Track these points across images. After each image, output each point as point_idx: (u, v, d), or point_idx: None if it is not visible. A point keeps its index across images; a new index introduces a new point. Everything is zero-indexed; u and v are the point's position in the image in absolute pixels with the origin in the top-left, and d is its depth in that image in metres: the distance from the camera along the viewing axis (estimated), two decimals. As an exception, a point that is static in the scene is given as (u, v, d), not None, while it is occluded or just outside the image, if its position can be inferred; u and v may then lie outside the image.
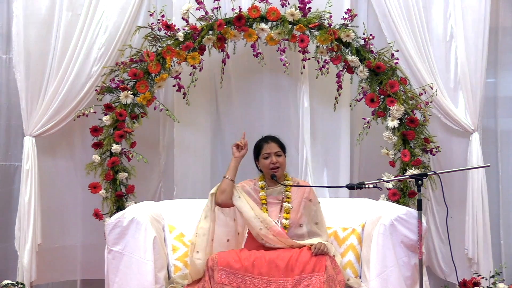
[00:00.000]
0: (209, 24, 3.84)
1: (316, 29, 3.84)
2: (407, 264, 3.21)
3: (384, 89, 3.82)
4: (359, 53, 3.85)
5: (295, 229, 3.38)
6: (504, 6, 4.30)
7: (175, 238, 3.53)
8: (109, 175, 3.83)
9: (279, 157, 3.47)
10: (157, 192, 4.26)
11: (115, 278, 3.25)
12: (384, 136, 3.89)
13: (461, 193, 4.10)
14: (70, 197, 4.17)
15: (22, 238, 3.87)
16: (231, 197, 3.35)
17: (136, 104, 3.87)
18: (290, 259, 3.10)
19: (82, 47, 3.96)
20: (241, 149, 3.46)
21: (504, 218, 4.33)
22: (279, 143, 3.52)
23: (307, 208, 3.44)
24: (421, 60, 4.04)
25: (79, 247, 4.20)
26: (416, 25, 4.04)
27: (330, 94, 4.04)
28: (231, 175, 3.39)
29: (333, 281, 3.08)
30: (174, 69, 3.87)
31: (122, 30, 3.98)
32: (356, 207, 3.71)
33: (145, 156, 3.92)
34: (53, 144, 4.12)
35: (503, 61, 4.33)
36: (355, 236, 3.53)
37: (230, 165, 3.43)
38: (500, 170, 4.33)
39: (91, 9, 3.98)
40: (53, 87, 3.94)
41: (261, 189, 3.48)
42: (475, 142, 4.07)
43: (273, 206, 3.45)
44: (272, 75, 4.23)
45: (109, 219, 3.45)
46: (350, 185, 3.17)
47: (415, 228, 3.17)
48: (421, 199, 3.06)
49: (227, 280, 3.07)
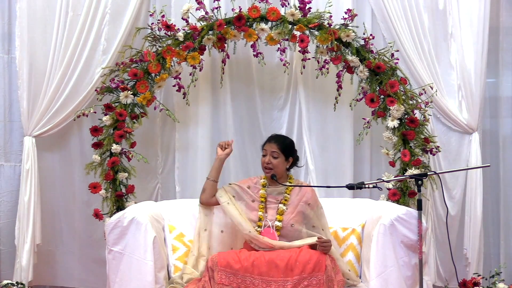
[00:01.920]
0: (209, 24, 3.84)
1: (316, 29, 3.83)
2: (408, 264, 3.21)
3: (384, 89, 3.82)
4: (359, 53, 3.85)
5: (287, 230, 3.38)
6: (504, 6, 4.30)
7: (175, 238, 3.53)
8: (109, 175, 3.83)
9: (275, 158, 3.44)
10: (154, 192, 4.26)
11: (116, 278, 3.25)
12: (384, 136, 3.89)
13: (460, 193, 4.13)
14: (69, 197, 4.17)
15: (21, 238, 3.87)
16: (212, 196, 3.49)
17: (136, 104, 3.87)
18: (290, 259, 3.10)
19: (85, 48, 3.97)
20: (225, 148, 3.55)
21: (504, 218, 4.32)
22: (281, 145, 3.47)
23: (304, 212, 3.43)
24: (421, 60, 4.05)
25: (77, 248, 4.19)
26: (414, 26, 4.04)
27: (330, 94, 4.04)
28: (213, 176, 3.52)
29: (332, 281, 3.08)
30: (174, 69, 3.87)
31: (123, 30, 3.99)
32: (356, 207, 3.71)
33: (143, 156, 3.91)
34: (53, 144, 4.12)
35: (504, 61, 4.33)
36: (355, 236, 3.53)
37: (213, 165, 3.55)
38: (501, 170, 4.32)
39: (92, 9, 3.98)
40: (54, 88, 3.95)
41: (262, 187, 3.49)
42: (475, 142, 4.07)
43: (272, 206, 3.45)
44: (272, 75, 4.23)
45: (109, 219, 3.45)
46: (350, 185, 3.17)
47: (415, 228, 3.16)
48: (421, 199, 3.06)
49: (227, 280, 3.07)
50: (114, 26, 4.00)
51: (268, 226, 3.38)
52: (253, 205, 3.44)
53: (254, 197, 3.45)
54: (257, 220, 3.39)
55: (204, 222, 3.51)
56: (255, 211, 3.42)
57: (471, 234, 4.05)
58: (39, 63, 3.97)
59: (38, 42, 3.97)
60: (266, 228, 3.37)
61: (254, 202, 3.44)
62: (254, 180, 3.54)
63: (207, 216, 3.52)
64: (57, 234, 4.17)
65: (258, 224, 3.38)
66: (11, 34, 4.14)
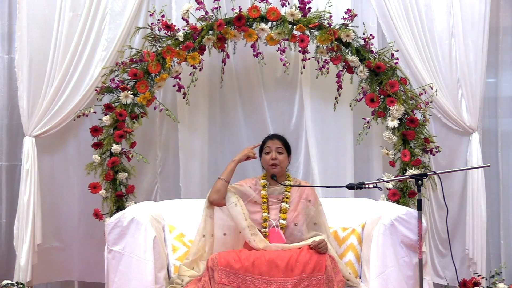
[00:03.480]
0: (209, 24, 3.84)
1: (316, 29, 3.84)
2: (409, 264, 3.20)
3: (384, 89, 3.82)
4: (359, 53, 3.85)
5: (291, 228, 3.38)
6: (504, 6, 4.30)
7: (175, 238, 3.53)
8: (109, 175, 3.83)
9: (280, 154, 3.46)
10: (153, 192, 4.26)
11: (114, 278, 3.24)
12: (384, 136, 3.89)
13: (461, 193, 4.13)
14: (69, 197, 4.17)
15: (20, 238, 3.87)
16: (224, 197, 3.39)
17: (136, 104, 3.87)
18: (290, 259, 3.10)
19: (85, 48, 3.97)
20: (252, 158, 3.49)
21: (504, 218, 4.32)
22: (284, 142, 3.51)
23: (305, 209, 3.43)
24: (421, 60, 4.05)
25: (77, 247, 4.20)
26: (415, 25, 4.04)
27: (330, 94, 4.04)
28: (226, 177, 3.41)
29: (332, 281, 3.08)
30: (174, 69, 3.87)
31: (122, 30, 3.99)
32: (356, 207, 3.71)
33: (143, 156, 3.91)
34: (53, 144, 4.12)
35: (504, 61, 4.33)
36: (355, 236, 3.53)
37: (227, 167, 3.44)
38: (500, 170, 4.32)
39: (92, 10, 3.98)
40: (55, 88, 3.95)
41: (263, 187, 3.49)
42: (475, 142, 4.07)
43: (273, 206, 3.45)
44: (272, 75, 4.23)
45: (109, 219, 3.45)
46: (350, 185, 3.17)
47: (415, 228, 3.16)
48: (421, 199, 3.06)
49: (227, 280, 3.06)
50: (114, 26, 4.00)
51: (273, 226, 3.38)
52: (256, 207, 3.44)
53: (257, 198, 3.45)
54: (262, 222, 3.39)
55: (210, 226, 3.42)
56: (259, 212, 3.42)
57: (474, 234, 4.04)
58: (39, 63, 3.96)
59: (38, 42, 3.96)
60: (271, 228, 3.37)
61: (257, 203, 3.44)
62: (253, 181, 3.53)
63: (211, 219, 3.43)
64: (57, 234, 4.16)
65: (263, 225, 3.38)
66: (11, 34, 4.14)
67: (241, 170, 4.17)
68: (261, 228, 3.37)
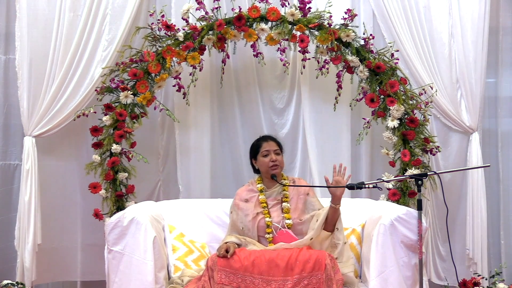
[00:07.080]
0: (209, 24, 3.84)
1: (316, 29, 3.84)
2: (408, 264, 3.21)
3: (384, 89, 3.82)
4: (359, 53, 3.85)
5: (298, 225, 3.40)
6: (504, 6, 4.30)
7: (175, 238, 3.53)
8: (109, 175, 3.83)
9: (278, 155, 3.48)
10: (155, 192, 4.26)
11: (115, 278, 3.24)
12: (384, 136, 3.89)
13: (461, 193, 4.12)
14: (70, 197, 4.17)
15: (22, 238, 3.87)
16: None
17: (136, 104, 3.87)
18: (290, 258, 3.10)
19: (85, 48, 3.97)
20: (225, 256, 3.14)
21: (504, 218, 4.32)
22: (278, 142, 3.55)
23: (306, 203, 3.45)
24: (421, 60, 4.05)
25: (78, 247, 4.20)
26: (414, 26, 4.05)
27: (330, 94, 4.04)
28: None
29: (331, 280, 3.08)
30: (174, 69, 3.87)
31: (123, 30, 3.99)
32: (356, 207, 3.71)
33: (143, 156, 3.91)
34: (53, 144, 4.12)
35: (504, 61, 4.33)
36: (355, 236, 3.53)
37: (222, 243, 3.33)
38: (500, 170, 4.32)
39: (93, 10, 3.98)
40: (55, 88, 3.95)
41: (260, 192, 3.49)
42: (475, 142, 4.07)
43: (274, 208, 3.45)
44: (272, 75, 4.23)
45: (109, 219, 3.45)
46: (350, 185, 3.17)
47: (415, 228, 3.16)
48: (421, 199, 3.06)
49: (227, 280, 3.06)
50: (114, 26, 4.00)
51: (280, 229, 3.38)
52: (257, 217, 3.43)
53: (255, 211, 3.43)
54: (266, 227, 3.39)
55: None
56: (262, 218, 3.42)
57: (474, 234, 4.04)
58: (39, 63, 3.96)
59: (38, 42, 3.96)
60: (279, 231, 3.38)
61: (258, 214, 3.44)
62: (249, 187, 3.54)
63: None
64: (57, 234, 4.16)
65: (267, 231, 3.39)
66: (10, 35, 4.14)
67: (237, 172, 4.20)
68: (265, 233, 3.38)
